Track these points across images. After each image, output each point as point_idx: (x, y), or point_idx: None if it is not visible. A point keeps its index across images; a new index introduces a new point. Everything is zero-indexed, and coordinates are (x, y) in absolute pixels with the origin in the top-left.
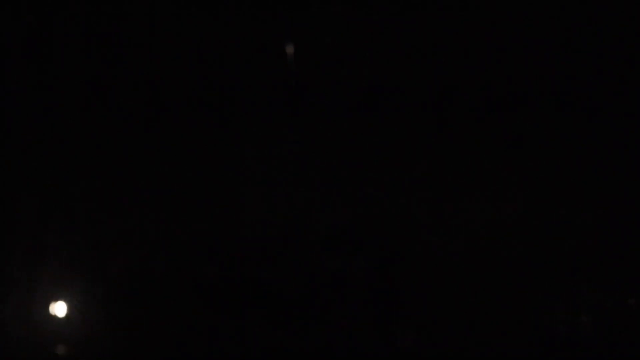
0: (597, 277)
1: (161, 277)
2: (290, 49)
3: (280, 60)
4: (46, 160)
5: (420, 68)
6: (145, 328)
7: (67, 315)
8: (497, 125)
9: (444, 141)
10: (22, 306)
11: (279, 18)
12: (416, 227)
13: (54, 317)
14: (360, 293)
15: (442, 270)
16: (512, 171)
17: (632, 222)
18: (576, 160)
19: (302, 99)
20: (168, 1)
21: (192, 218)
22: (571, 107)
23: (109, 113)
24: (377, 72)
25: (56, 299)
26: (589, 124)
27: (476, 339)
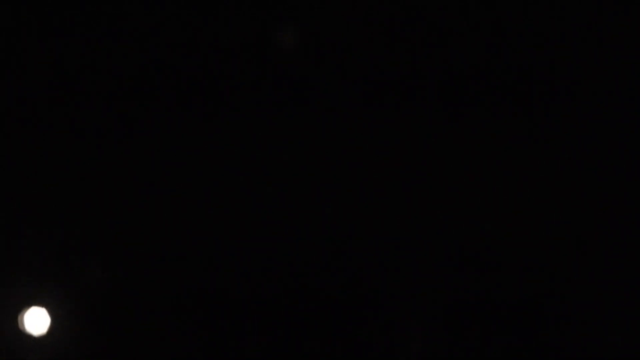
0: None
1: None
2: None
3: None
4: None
5: (420, 64)
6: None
7: (45, 328)
8: (499, 125)
9: (444, 140)
10: None
11: (279, 10)
12: (415, 227)
13: (29, 329)
14: (360, 293)
15: (443, 271)
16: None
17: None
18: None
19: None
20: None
21: (178, 222)
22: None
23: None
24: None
25: (32, 309)
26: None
27: (477, 340)
